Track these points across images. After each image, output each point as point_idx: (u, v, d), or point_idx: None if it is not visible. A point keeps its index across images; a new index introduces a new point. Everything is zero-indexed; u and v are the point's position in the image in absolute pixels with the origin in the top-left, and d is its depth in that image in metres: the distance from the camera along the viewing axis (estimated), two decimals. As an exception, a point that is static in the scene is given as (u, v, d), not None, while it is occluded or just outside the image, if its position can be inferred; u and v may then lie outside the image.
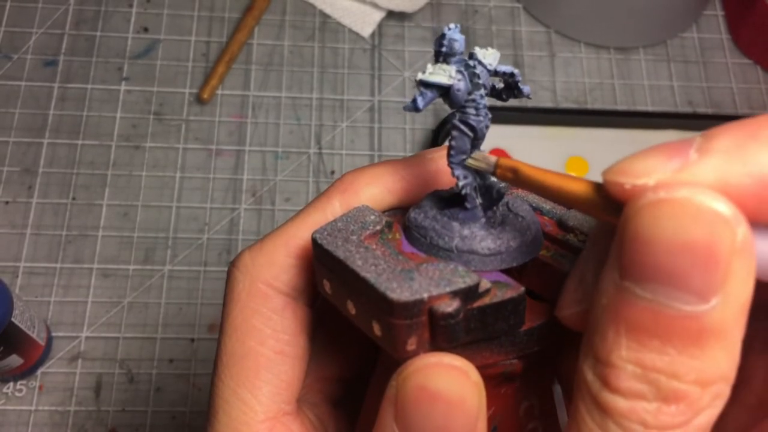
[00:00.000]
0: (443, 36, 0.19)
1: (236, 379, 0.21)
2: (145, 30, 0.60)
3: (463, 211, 0.20)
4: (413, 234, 0.20)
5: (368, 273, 0.18)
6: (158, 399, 0.48)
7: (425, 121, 0.58)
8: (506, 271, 0.20)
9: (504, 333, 0.18)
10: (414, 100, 0.19)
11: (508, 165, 0.19)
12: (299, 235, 0.22)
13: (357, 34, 0.61)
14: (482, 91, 0.19)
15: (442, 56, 0.19)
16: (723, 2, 0.65)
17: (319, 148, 0.56)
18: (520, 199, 0.21)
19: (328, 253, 0.19)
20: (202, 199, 0.54)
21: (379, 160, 0.56)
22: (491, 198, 0.20)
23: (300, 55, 0.60)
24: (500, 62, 0.20)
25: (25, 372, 0.47)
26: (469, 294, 0.18)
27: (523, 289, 0.18)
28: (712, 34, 0.63)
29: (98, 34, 0.59)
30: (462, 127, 0.20)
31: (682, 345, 0.15)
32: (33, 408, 0.47)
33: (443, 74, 0.19)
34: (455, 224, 0.20)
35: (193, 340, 0.50)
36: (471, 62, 0.19)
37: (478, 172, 0.20)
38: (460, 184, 0.20)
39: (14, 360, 0.45)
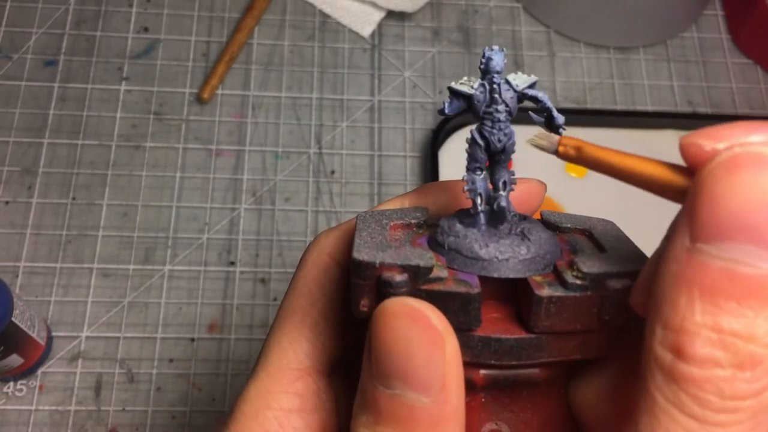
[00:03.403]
0: (483, 54, 0.21)
1: (282, 330, 0.23)
2: (145, 30, 0.60)
3: (469, 216, 0.21)
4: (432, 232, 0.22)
5: (359, 239, 0.20)
6: (158, 399, 0.48)
7: (425, 121, 0.58)
8: (501, 286, 0.20)
9: (455, 329, 0.19)
10: (443, 105, 0.21)
11: (571, 143, 0.19)
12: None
13: (357, 34, 0.61)
14: (500, 107, 0.21)
15: (481, 72, 0.21)
16: (723, 2, 0.65)
17: (319, 148, 0.56)
18: (540, 227, 0.22)
19: (356, 226, 0.22)
20: (202, 199, 0.54)
21: (379, 159, 0.56)
22: (495, 216, 0.21)
23: (300, 55, 0.60)
24: (536, 89, 0.21)
25: (26, 372, 0.47)
26: (418, 273, 0.19)
27: (477, 291, 0.19)
28: (712, 34, 0.63)
29: (98, 34, 0.59)
30: (476, 136, 0.21)
31: (760, 305, 0.14)
32: (33, 408, 0.47)
33: (467, 85, 0.21)
34: (459, 226, 0.21)
35: (193, 339, 0.50)
36: (497, 79, 0.21)
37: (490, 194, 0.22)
38: (465, 188, 0.21)
39: (14, 360, 0.45)
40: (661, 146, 0.56)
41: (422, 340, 0.18)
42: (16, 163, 0.54)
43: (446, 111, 0.21)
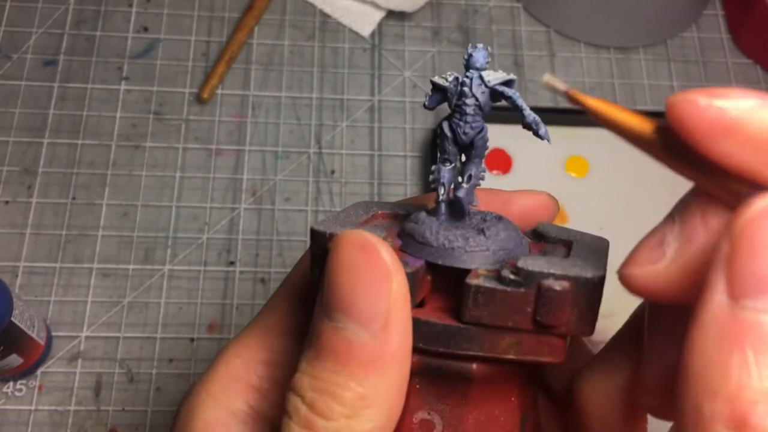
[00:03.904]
0: (467, 51, 0.21)
1: (278, 294, 0.24)
2: (145, 30, 0.60)
3: (433, 208, 0.22)
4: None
5: (334, 217, 0.21)
6: (158, 399, 0.48)
7: (425, 121, 0.58)
8: (453, 279, 0.20)
9: None
10: (425, 98, 0.22)
11: (575, 96, 0.19)
12: None
13: (357, 33, 0.61)
14: (469, 100, 0.21)
15: (464, 69, 0.21)
16: (723, 2, 0.65)
17: (319, 148, 0.56)
18: (509, 228, 0.21)
19: (344, 209, 0.23)
20: (202, 198, 0.54)
21: (379, 159, 0.56)
22: (454, 207, 0.22)
23: (300, 54, 0.60)
24: (509, 86, 0.21)
25: (25, 372, 0.47)
26: None
27: (410, 270, 0.19)
28: (712, 34, 0.63)
29: (98, 33, 0.59)
30: (445, 128, 0.22)
31: None
32: (33, 408, 0.47)
33: (444, 79, 0.21)
34: (423, 214, 0.22)
35: (193, 339, 0.50)
36: (470, 74, 0.21)
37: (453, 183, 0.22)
38: (430, 178, 0.22)
39: (14, 360, 0.45)
40: (661, 146, 0.56)
41: (368, 272, 0.17)
42: (16, 163, 0.54)
43: (426, 104, 0.22)
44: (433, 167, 0.22)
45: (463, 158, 0.22)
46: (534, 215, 0.24)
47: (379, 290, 0.17)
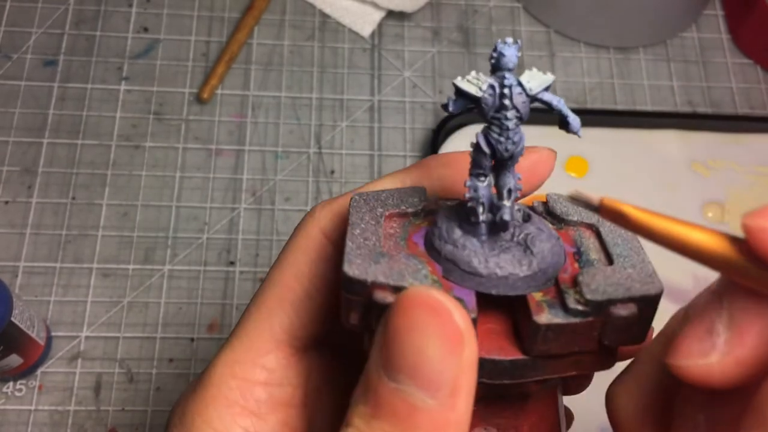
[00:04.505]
0: (495, 48, 0.19)
1: (263, 301, 0.23)
2: (145, 30, 0.60)
3: (469, 224, 0.20)
4: (430, 228, 0.21)
5: (351, 241, 0.19)
6: (158, 399, 0.48)
7: (425, 121, 0.58)
8: (496, 301, 0.19)
9: None
10: (447, 102, 0.20)
11: (612, 207, 0.17)
12: None
13: (357, 33, 0.61)
14: (510, 113, 0.19)
15: (491, 68, 0.19)
16: (723, 2, 0.65)
17: (319, 148, 0.56)
18: (545, 233, 0.20)
19: (349, 213, 0.20)
20: (202, 198, 0.54)
21: (379, 159, 0.56)
22: (497, 227, 0.20)
23: (300, 54, 0.60)
24: (549, 90, 0.19)
25: (25, 372, 0.47)
26: None
27: (473, 316, 0.18)
28: (712, 34, 0.63)
29: (98, 33, 0.59)
30: (482, 143, 0.19)
31: None
32: (33, 408, 0.47)
33: (475, 84, 0.19)
34: (458, 232, 0.20)
35: (193, 339, 0.50)
36: (508, 81, 0.19)
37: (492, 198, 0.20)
38: (466, 196, 0.20)
39: (14, 360, 0.45)
40: (661, 146, 0.56)
41: (440, 336, 0.16)
42: (16, 163, 0.54)
43: (450, 108, 0.20)
44: (468, 184, 0.20)
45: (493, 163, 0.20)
46: (537, 171, 0.24)
47: (451, 357, 0.16)
